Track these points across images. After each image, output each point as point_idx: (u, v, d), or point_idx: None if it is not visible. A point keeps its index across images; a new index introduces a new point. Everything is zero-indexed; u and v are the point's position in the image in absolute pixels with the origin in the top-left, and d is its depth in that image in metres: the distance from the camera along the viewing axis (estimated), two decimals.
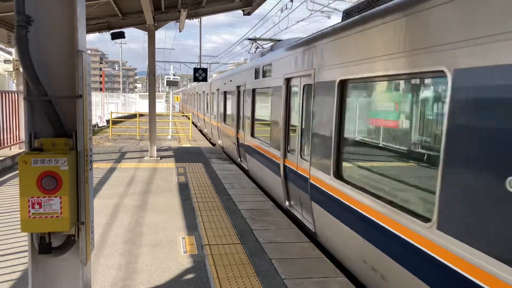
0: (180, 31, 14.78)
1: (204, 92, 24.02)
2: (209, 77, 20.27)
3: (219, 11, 13.89)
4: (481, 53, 2.92)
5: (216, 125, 18.04)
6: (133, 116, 32.17)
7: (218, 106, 17.35)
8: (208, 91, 21.69)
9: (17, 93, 12.05)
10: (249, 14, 13.69)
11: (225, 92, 15.51)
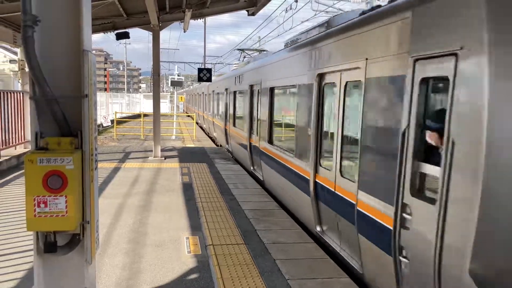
0: (184, 31, 14.81)
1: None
2: (213, 77, 20.16)
3: (223, 11, 13.90)
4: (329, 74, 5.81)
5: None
6: (138, 116, 32.25)
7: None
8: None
9: (22, 93, 12.11)
10: (253, 14, 13.70)
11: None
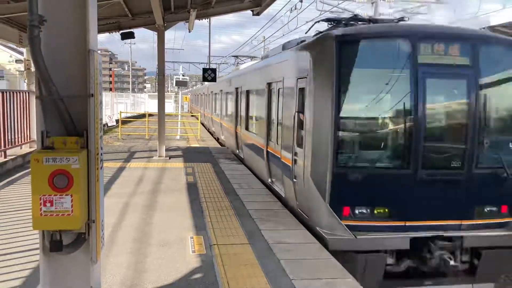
0: (189, 32, 14.83)
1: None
2: (218, 77, 20.15)
3: (228, 11, 13.92)
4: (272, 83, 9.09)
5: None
6: (142, 116, 32.33)
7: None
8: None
9: (28, 93, 12.17)
10: (258, 14, 13.71)
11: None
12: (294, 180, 7.03)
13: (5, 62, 47.59)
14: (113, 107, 31.65)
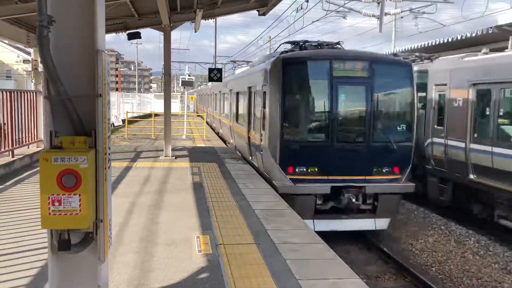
0: (195, 32, 14.86)
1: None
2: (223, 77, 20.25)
3: (234, 11, 13.94)
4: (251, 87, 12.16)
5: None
6: (148, 115, 32.44)
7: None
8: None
9: (35, 93, 12.25)
10: (264, 14, 13.71)
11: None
12: (261, 152, 10.41)
13: (12, 62, 48.03)
14: (119, 107, 31.78)
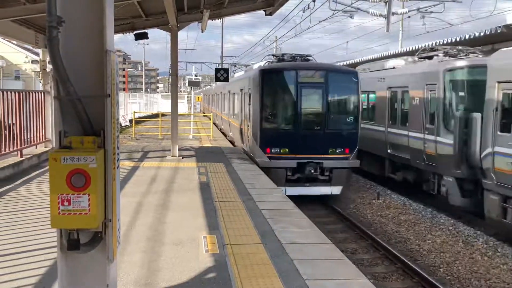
0: (202, 32, 14.89)
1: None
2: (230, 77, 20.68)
3: (241, 11, 13.95)
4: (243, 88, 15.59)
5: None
6: (155, 116, 32.55)
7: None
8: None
9: (43, 93, 12.33)
10: (270, 14, 13.71)
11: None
12: (248, 139, 14.01)
13: (21, 63, 48.45)
14: (126, 107, 31.91)
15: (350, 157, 12.50)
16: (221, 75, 17.30)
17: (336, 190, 12.61)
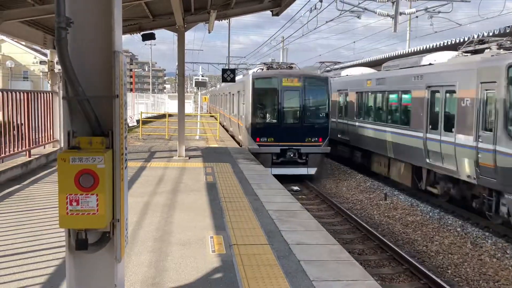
0: (209, 32, 14.91)
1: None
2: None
3: (248, 12, 13.95)
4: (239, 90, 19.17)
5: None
6: (162, 116, 32.64)
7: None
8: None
9: (51, 93, 12.42)
10: (277, 14, 13.69)
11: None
12: (242, 131, 17.23)
13: (29, 63, 48.78)
14: (133, 107, 32.04)
15: (322, 144, 15.74)
16: (228, 75, 17.31)
17: (311, 170, 15.81)
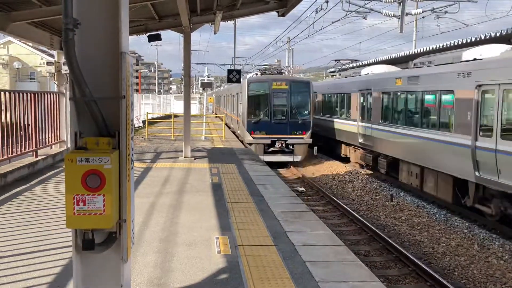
0: (215, 33, 14.94)
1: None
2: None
3: (253, 12, 13.95)
4: (237, 92, 23.95)
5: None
6: (168, 117, 32.75)
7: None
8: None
9: (58, 94, 12.49)
10: (283, 15, 13.68)
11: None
12: (239, 126, 21.63)
13: (36, 64, 49.11)
14: (139, 108, 32.15)
15: (305, 137, 19.40)
16: (234, 76, 17.33)
17: (297, 158, 19.42)
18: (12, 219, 6.58)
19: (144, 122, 25.90)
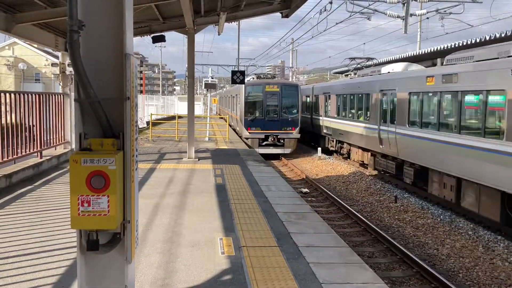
0: (219, 34, 14.96)
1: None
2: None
3: (257, 14, 13.96)
4: (236, 94, 27.20)
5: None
6: (172, 118, 32.80)
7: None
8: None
9: (63, 95, 12.54)
10: (287, 16, 13.69)
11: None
12: (238, 123, 24.76)
13: (41, 65, 49.36)
14: (143, 109, 32.23)
15: (294, 132, 22.26)
16: (238, 77, 17.33)
17: (287, 150, 22.21)
18: (17, 219, 6.61)
19: (148, 123, 25.97)
